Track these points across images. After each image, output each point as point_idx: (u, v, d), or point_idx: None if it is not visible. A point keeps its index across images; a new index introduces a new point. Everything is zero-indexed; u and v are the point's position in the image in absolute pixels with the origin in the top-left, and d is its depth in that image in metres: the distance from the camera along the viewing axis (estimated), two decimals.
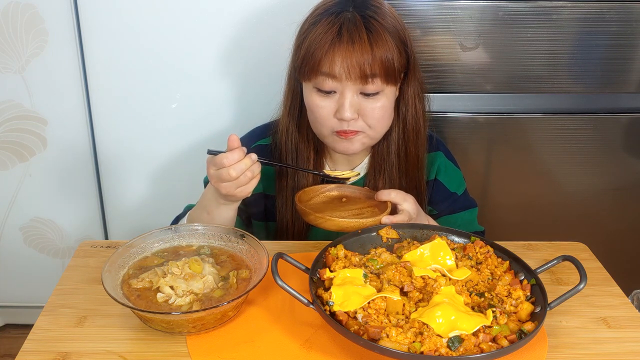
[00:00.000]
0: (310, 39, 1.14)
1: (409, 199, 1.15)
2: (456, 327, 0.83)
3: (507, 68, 1.60)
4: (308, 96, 1.19)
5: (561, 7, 1.54)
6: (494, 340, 0.83)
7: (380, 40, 1.12)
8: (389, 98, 1.18)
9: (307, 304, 0.88)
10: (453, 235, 1.06)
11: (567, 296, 0.90)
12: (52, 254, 1.88)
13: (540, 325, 0.84)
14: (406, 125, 1.25)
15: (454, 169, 1.35)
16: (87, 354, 0.87)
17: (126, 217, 1.80)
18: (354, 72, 1.11)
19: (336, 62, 1.11)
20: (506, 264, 0.98)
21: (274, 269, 0.89)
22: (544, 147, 1.70)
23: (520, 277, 0.96)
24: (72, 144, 1.71)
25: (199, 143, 1.70)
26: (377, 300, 0.87)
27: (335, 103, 1.16)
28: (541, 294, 0.90)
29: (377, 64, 1.11)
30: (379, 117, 1.18)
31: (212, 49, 1.60)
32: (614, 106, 1.67)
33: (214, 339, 0.90)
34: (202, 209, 1.21)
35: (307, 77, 1.16)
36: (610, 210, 1.78)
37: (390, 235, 1.06)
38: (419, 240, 1.04)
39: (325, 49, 1.11)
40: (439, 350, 0.80)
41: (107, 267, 0.93)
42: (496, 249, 1.01)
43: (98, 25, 1.57)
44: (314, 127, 1.23)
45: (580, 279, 0.90)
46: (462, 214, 1.32)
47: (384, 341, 0.81)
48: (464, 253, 1.01)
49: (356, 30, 1.11)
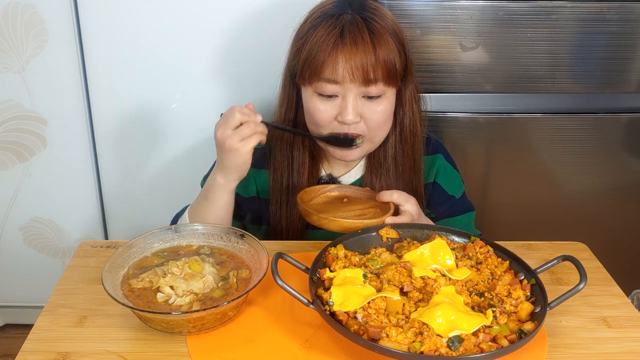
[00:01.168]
0: (312, 42, 1.13)
1: (411, 200, 1.15)
2: (456, 327, 0.83)
3: (507, 68, 1.60)
4: (308, 100, 1.18)
5: (561, 7, 1.54)
6: (494, 340, 0.83)
7: (382, 42, 1.12)
8: (390, 101, 1.18)
9: (307, 303, 0.88)
10: (453, 235, 1.06)
11: (567, 296, 0.90)
12: (52, 254, 1.88)
13: (540, 325, 0.84)
14: (403, 129, 1.24)
15: (453, 172, 1.34)
16: (87, 354, 0.87)
17: (126, 217, 1.80)
18: (358, 73, 1.10)
19: (339, 64, 1.11)
20: (506, 263, 0.98)
21: (273, 269, 0.89)
22: (544, 147, 1.70)
23: (520, 277, 0.96)
24: (72, 144, 1.71)
25: (198, 143, 1.70)
26: (377, 300, 0.87)
27: (337, 107, 1.15)
28: (541, 294, 0.90)
29: (380, 66, 1.11)
30: (381, 120, 1.17)
31: (212, 49, 1.60)
32: (614, 106, 1.67)
33: (214, 339, 0.90)
34: (200, 196, 1.21)
35: (309, 81, 1.15)
36: (610, 210, 1.78)
37: (390, 235, 1.06)
38: (419, 240, 1.04)
39: (328, 52, 1.11)
40: (439, 350, 0.80)
41: (107, 267, 0.93)
42: (496, 249, 1.01)
43: (98, 25, 1.57)
44: (312, 131, 1.22)
45: (580, 279, 0.90)
46: (459, 218, 1.32)
47: (384, 341, 0.81)
48: (463, 253, 1.01)
49: (359, 32, 1.11)
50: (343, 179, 1.30)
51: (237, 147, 1.09)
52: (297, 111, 1.24)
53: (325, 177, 1.29)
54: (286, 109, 1.26)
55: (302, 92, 1.20)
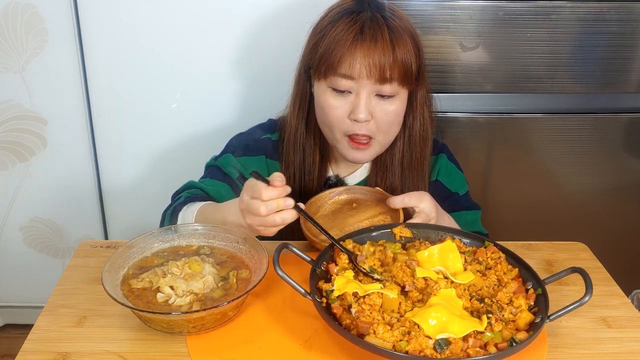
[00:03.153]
0: (330, 36, 1.13)
1: (425, 198, 1.11)
2: (446, 329, 0.82)
3: (507, 68, 1.60)
4: (321, 95, 1.17)
5: (561, 7, 1.54)
6: (484, 347, 0.82)
7: (401, 41, 1.12)
8: (402, 102, 1.17)
9: (305, 294, 0.87)
10: (467, 239, 1.04)
11: (569, 309, 0.87)
12: (52, 254, 1.88)
13: (534, 337, 0.82)
14: (413, 133, 1.24)
15: (456, 171, 1.34)
16: (87, 354, 0.87)
17: (126, 217, 1.80)
18: (375, 71, 1.10)
19: (357, 59, 1.10)
20: (515, 271, 0.96)
21: (275, 259, 0.88)
22: (544, 147, 1.70)
23: (527, 286, 0.94)
24: (72, 144, 1.71)
25: (198, 143, 1.70)
26: (373, 296, 0.87)
27: (350, 104, 1.15)
28: (544, 305, 0.88)
29: (398, 65, 1.11)
30: (391, 121, 1.17)
31: (212, 49, 1.60)
32: (614, 106, 1.67)
33: (214, 339, 0.90)
34: (220, 214, 1.12)
35: (324, 75, 1.15)
36: (610, 210, 1.78)
37: (403, 234, 1.04)
38: (431, 242, 1.03)
39: (347, 47, 1.11)
40: (424, 351, 0.80)
41: (107, 267, 0.93)
42: (508, 256, 0.99)
43: (98, 25, 1.57)
44: (324, 129, 1.22)
45: (585, 291, 0.87)
46: (464, 213, 1.30)
47: (370, 337, 0.80)
48: (474, 257, 0.99)
49: (379, 29, 1.11)
50: (348, 179, 1.29)
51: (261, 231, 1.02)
52: (310, 107, 1.23)
53: (332, 178, 1.29)
54: (299, 105, 1.25)
55: (315, 88, 1.20)
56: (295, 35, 1.22)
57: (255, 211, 0.97)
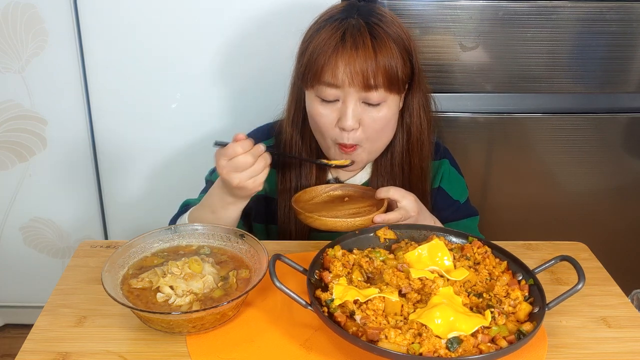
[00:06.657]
0: (314, 45, 1.13)
1: (408, 197, 1.13)
2: (455, 328, 0.83)
3: (507, 68, 1.60)
4: (310, 104, 1.18)
5: (561, 7, 1.54)
6: (492, 341, 0.83)
7: (384, 47, 1.11)
8: (392, 109, 1.17)
9: (306, 305, 0.88)
10: (451, 236, 1.05)
11: (565, 296, 0.89)
12: (52, 254, 1.88)
13: (539, 326, 0.84)
14: (410, 137, 1.24)
15: (458, 177, 1.34)
16: (87, 354, 0.87)
17: (126, 217, 1.80)
18: (357, 78, 1.10)
19: (339, 68, 1.10)
20: (504, 264, 0.98)
21: (271, 271, 0.88)
22: (544, 147, 1.70)
23: (518, 278, 0.96)
24: (72, 144, 1.71)
25: (198, 143, 1.70)
26: (376, 301, 0.87)
27: (338, 112, 1.15)
28: (539, 294, 0.90)
29: (381, 71, 1.10)
30: (380, 128, 1.16)
31: (212, 50, 1.60)
32: (614, 106, 1.67)
33: (214, 339, 0.90)
34: (206, 208, 1.18)
35: (310, 84, 1.15)
36: (610, 210, 1.78)
37: (387, 236, 1.05)
38: (416, 241, 1.04)
39: (329, 55, 1.10)
40: (438, 351, 0.80)
41: (107, 267, 0.93)
42: (494, 249, 1.01)
43: (98, 25, 1.57)
44: (316, 136, 1.22)
45: (578, 279, 0.89)
46: (463, 222, 1.31)
47: (382, 342, 0.81)
48: (461, 253, 1.01)
49: (360, 36, 1.10)
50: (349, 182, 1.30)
51: (249, 186, 1.08)
52: (305, 114, 1.23)
53: (332, 181, 1.29)
54: (294, 111, 1.25)
55: (306, 96, 1.20)
56: (297, 35, 1.22)
57: (243, 164, 1.05)
